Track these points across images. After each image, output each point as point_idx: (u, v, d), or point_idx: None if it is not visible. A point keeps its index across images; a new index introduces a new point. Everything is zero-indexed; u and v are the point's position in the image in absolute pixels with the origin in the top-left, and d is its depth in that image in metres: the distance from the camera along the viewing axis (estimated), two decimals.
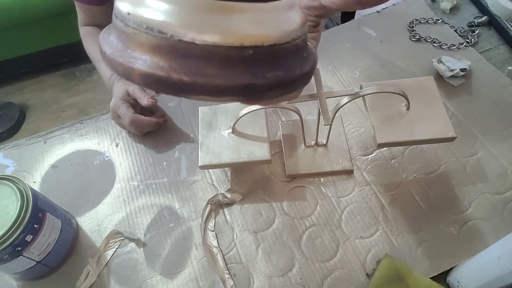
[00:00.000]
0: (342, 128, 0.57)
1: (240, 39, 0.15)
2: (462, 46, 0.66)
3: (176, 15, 0.15)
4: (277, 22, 0.16)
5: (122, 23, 0.16)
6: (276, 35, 0.16)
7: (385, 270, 0.44)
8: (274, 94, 0.17)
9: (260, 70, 0.16)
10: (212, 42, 0.15)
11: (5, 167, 0.60)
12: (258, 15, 0.15)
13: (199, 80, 0.16)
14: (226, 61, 0.15)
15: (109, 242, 0.51)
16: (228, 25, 0.15)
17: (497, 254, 0.37)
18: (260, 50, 0.16)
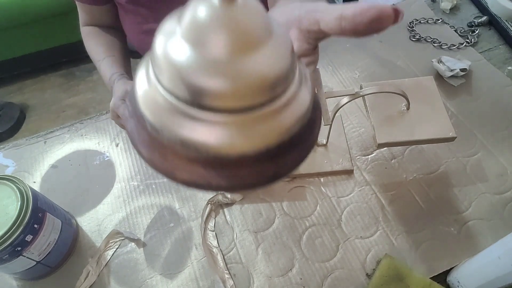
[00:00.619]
0: (342, 128, 0.57)
1: (265, 144, 0.17)
2: (462, 46, 0.66)
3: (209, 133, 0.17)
4: (292, 114, 0.18)
5: (155, 132, 0.18)
6: (294, 128, 0.18)
7: (385, 270, 0.44)
8: (295, 168, 0.20)
9: (283, 160, 0.19)
10: (243, 152, 0.17)
11: (5, 167, 0.60)
12: (276, 117, 0.17)
13: (235, 182, 0.18)
14: (256, 161, 0.18)
15: (109, 242, 0.51)
16: (254, 134, 0.17)
17: (497, 254, 0.37)
18: (282, 145, 0.18)
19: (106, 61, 0.67)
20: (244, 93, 0.16)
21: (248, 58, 0.16)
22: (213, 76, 0.16)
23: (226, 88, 0.16)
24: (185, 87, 0.16)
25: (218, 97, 0.16)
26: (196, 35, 0.16)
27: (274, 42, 0.17)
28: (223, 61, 0.16)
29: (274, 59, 0.17)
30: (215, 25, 0.16)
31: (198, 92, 0.16)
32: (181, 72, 0.16)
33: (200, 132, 0.17)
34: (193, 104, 0.16)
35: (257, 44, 0.16)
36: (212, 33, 0.15)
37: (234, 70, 0.16)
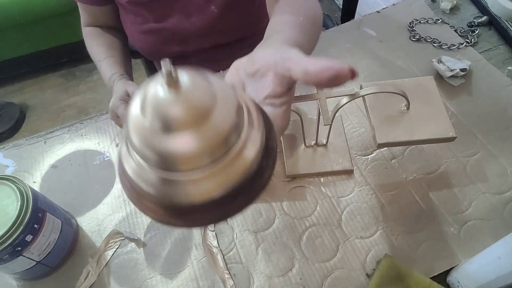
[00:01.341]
0: (342, 128, 0.57)
1: (209, 197, 0.21)
2: (462, 46, 0.66)
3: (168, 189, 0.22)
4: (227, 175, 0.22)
5: (131, 181, 0.23)
6: (238, 181, 0.22)
7: (385, 270, 0.44)
8: (241, 211, 0.24)
9: (228, 206, 0.23)
10: (192, 203, 0.22)
11: (5, 167, 0.60)
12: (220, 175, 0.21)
13: (189, 223, 0.24)
14: (204, 209, 0.22)
15: (109, 242, 0.51)
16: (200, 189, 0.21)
17: (497, 254, 0.37)
18: (226, 195, 0.22)
19: (107, 61, 0.67)
20: (196, 159, 0.20)
21: (199, 131, 0.20)
22: (172, 150, 0.20)
23: (183, 158, 0.20)
24: (147, 155, 0.21)
25: (177, 164, 0.20)
26: (156, 120, 0.20)
27: (218, 116, 0.20)
28: (179, 140, 0.20)
29: (222, 122, 0.20)
30: (167, 112, 0.20)
31: (161, 160, 0.21)
32: (145, 144, 0.20)
33: (161, 189, 0.22)
34: (155, 166, 0.21)
35: (206, 114, 0.20)
36: (168, 117, 0.20)
37: (188, 144, 0.20)
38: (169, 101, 0.20)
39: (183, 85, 0.20)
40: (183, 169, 0.21)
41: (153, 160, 0.21)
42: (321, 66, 0.24)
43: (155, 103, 0.20)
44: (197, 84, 0.21)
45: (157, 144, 0.20)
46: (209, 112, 0.20)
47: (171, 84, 0.20)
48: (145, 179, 0.22)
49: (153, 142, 0.20)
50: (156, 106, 0.20)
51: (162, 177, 0.21)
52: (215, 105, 0.20)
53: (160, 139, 0.20)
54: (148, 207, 0.24)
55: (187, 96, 0.20)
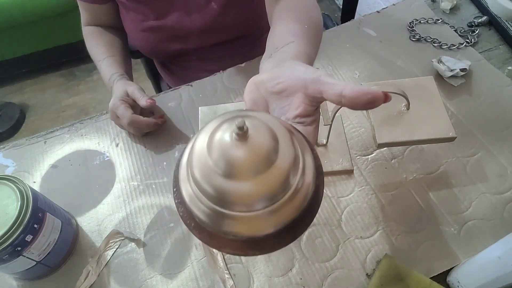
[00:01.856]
0: (342, 128, 0.57)
1: (281, 225, 0.24)
2: (462, 46, 0.66)
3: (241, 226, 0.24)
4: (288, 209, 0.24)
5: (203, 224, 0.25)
6: (302, 207, 0.25)
7: (385, 270, 0.44)
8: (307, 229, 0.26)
9: (297, 228, 0.25)
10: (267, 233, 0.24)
11: (5, 167, 0.60)
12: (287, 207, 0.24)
13: (265, 250, 0.25)
14: (277, 236, 0.25)
15: (109, 242, 0.51)
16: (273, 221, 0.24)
17: (497, 254, 0.37)
18: (294, 221, 0.25)
19: (106, 61, 0.67)
20: (262, 200, 0.23)
21: (262, 178, 0.23)
22: (238, 195, 0.23)
23: (248, 201, 0.23)
24: (218, 200, 0.23)
25: (244, 206, 0.23)
26: (223, 167, 0.23)
27: (279, 164, 0.23)
28: (244, 185, 0.23)
29: (280, 174, 0.23)
30: (234, 161, 0.22)
31: (229, 204, 0.23)
32: (215, 190, 0.23)
33: (235, 226, 0.24)
34: (227, 208, 0.23)
35: (266, 168, 0.23)
36: (233, 166, 0.22)
37: (253, 189, 0.23)
38: (237, 151, 0.22)
39: (250, 138, 0.23)
40: (253, 209, 0.23)
41: (227, 205, 0.23)
42: (357, 90, 0.27)
43: (222, 148, 0.23)
44: (262, 136, 0.23)
45: (230, 192, 0.23)
46: (271, 163, 0.23)
47: (241, 137, 0.22)
48: (219, 221, 0.24)
49: (227, 190, 0.23)
50: (223, 151, 0.23)
51: (236, 217, 0.23)
52: (277, 156, 0.23)
53: (221, 182, 0.23)
54: (223, 244, 0.26)
55: (253, 149, 0.23)
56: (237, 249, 0.25)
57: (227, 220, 0.24)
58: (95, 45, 0.70)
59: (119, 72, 0.64)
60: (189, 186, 0.25)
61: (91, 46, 0.71)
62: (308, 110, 0.29)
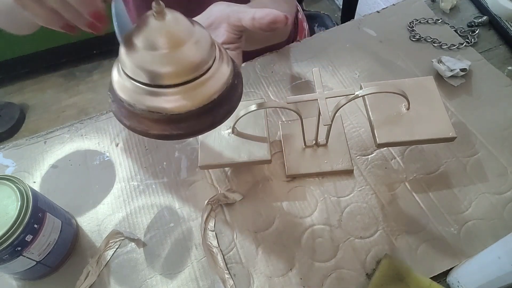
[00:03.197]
0: (342, 128, 0.57)
1: (202, 102, 0.28)
2: (462, 46, 0.66)
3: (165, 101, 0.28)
4: (206, 89, 0.28)
5: (130, 107, 0.28)
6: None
7: (385, 270, 0.44)
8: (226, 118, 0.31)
9: (216, 112, 0.30)
10: (189, 109, 0.28)
11: (5, 167, 0.60)
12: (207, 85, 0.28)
13: (187, 131, 0.29)
14: (198, 115, 0.29)
15: (109, 242, 0.51)
16: (194, 97, 0.28)
17: (497, 254, 0.37)
18: (213, 102, 0.29)
19: None
20: (182, 73, 0.26)
21: (181, 51, 0.26)
22: (160, 65, 0.26)
23: (170, 72, 0.26)
24: (144, 75, 0.26)
25: (166, 78, 0.26)
26: (146, 42, 0.26)
27: (195, 39, 0.27)
28: (165, 55, 0.26)
29: (196, 49, 0.27)
30: (156, 33, 0.26)
31: (152, 77, 0.26)
32: (141, 65, 0.26)
33: (159, 101, 0.27)
34: (150, 85, 0.27)
35: (184, 41, 0.26)
36: (155, 39, 0.26)
37: (173, 60, 0.26)
38: (156, 27, 0.26)
39: (168, 17, 0.26)
40: (176, 83, 0.27)
41: (150, 79, 0.26)
42: (264, 13, 0.32)
43: (145, 28, 0.26)
44: (180, 19, 0.27)
45: (152, 64, 0.26)
46: (191, 39, 0.27)
47: (158, 12, 0.26)
48: (143, 99, 0.27)
49: (148, 62, 0.26)
50: (145, 31, 0.26)
51: (159, 93, 0.27)
52: (194, 34, 0.27)
53: (154, 59, 0.26)
54: (150, 126, 0.29)
55: (170, 25, 0.26)
56: (164, 130, 0.29)
57: (151, 97, 0.27)
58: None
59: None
60: (119, 76, 0.28)
61: None
62: (231, 38, 0.35)
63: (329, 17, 1.03)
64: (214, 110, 0.29)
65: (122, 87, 0.28)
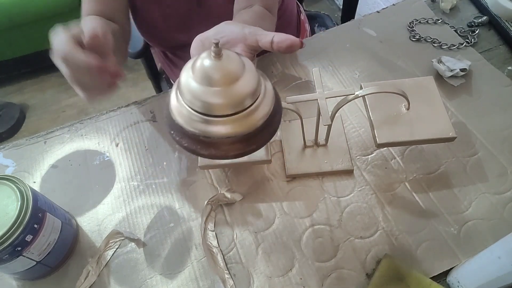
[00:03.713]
0: (342, 128, 0.57)
1: (246, 130, 0.33)
2: (462, 46, 0.66)
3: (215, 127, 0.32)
4: (259, 114, 0.33)
5: (207, 138, 0.33)
6: (247, 128, 0.32)
7: (385, 270, 0.44)
8: (265, 143, 0.36)
9: (257, 139, 0.34)
10: (234, 135, 0.32)
11: (5, 167, 0.60)
12: (250, 117, 0.32)
13: (232, 153, 0.34)
14: (242, 140, 0.34)
15: (109, 242, 0.51)
16: (239, 126, 0.32)
17: (497, 254, 0.37)
18: (255, 130, 0.33)
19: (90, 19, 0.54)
20: (232, 106, 0.31)
21: (232, 87, 0.31)
22: (214, 99, 0.31)
23: (222, 104, 0.31)
24: (200, 105, 0.31)
25: (218, 109, 0.31)
26: (203, 78, 0.31)
27: (246, 76, 0.31)
28: (219, 90, 0.30)
29: (246, 86, 0.31)
30: (212, 71, 0.30)
31: (207, 107, 0.31)
32: (198, 98, 0.31)
33: (211, 127, 0.32)
34: (205, 114, 0.31)
35: (236, 78, 0.31)
36: (212, 75, 0.30)
37: (225, 94, 0.30)
38: (213, 66, 0.30)
39: (224, 56, 0.30)
40: (227, 113, 0.31)
41: (204, 109, 0.31)
42: (284, 37, 0.36)
43: (203, 67, 0.31)
44: (233, 58, 0.31)
45: (208, 97, 0.30)
46: (242, 76, 0.31)
47: (216, 53, 0.30)
48: (192, 123, 0.32)
49: (204, 96, 0.30)
50: (203, 68, 0.31)
51: (211, 121, 0.31)
52: (243, 74, 0.31)
53: (210, 93, 0.30)
54: (223, 150, 0.34)
55: (225, 64, 0.30)
56: (239, 149, 0.33)
57: (223, 125, 0.32)
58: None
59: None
60: (182, 111, 0.32)
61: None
62: (248, 56, 0.38)
63: (329, 17, 1.03)
64: (272, 120, 0.35)
65: (191, 122, 0.32)
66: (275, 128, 0.35)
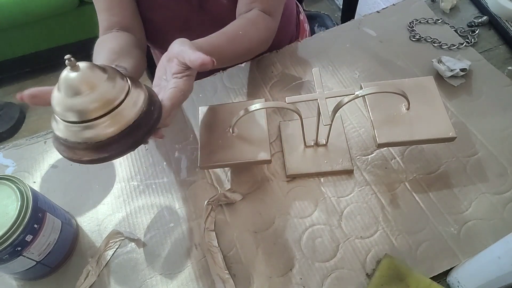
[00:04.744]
0: (342, 128, 0.57)
1: (119, 129, 0.36)
2: (462, 46, 0.66)
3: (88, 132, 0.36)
4: (122, 117, 0.36)
5: (65, 142, 0.37)
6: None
7: (385, 270, 0.44)
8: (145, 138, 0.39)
9: (135, 135, 0.37)
10: (110, 136, 0.36)
11: (5, 167, 0.60)
12: (120, 115, 0.36)
13: (112, 153, 0.37)
14: (119, 139, 0.37)
15: (109, 242, 0.51)
16: (111, 126, 0.36)
17: (497, 254, 0.37)
18: (129, 127, 0.37)
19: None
20: (97, 109, 0.35)
21: (95, 92, 0.35)
22: (80, 107, 0.34)
23: (89, 110, 0.34)
24: (72, 115, 0.35)
25: (86, 115, 0.35)
26: (60, 88, 0.35)
27: (106, 84, 0.35)
28: (83, 98, 0.34)
29: (110, 91, 0.36)
30: (67, 81, 0.35)
31: (78, 115, 0.35)
32: (69, 108, 0.35)
33: (84, 134, 0.35)
34: (77, 122, 0.35)
35: (96, 86, 0.35)
36: (73, 87, 0.35)
37: (90, 100, 0.34)
38: (73, 77, 0.34)
39: (82, 68, 0.35)
40: (93, 117, 0.35)
41: (74, 117, 0.35)
42: (196, 56, 0.41)
43: (65, 81, 0.35)
44: (92, 68, 0.36)
45: (73, 106, 0.34)
46: (102, 84, 0.35)
47: (71, 65, 0.34)
48: (72, 134, 0.36)
49: (67, 104, 0.34)
50: (65, 82, 0.35)
51: (83, 127, 0.35)
52: (106, 79, 0.35)
53: (67, 101, 0.35)
54: (82, 155, 0.36)
55: (84, 75, 0.35)
56: (92, 155, 0.36)
57: (79, 131, 0.35)
58: (99, 53, 0.57)
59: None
60: (54, 120, 0.37)
61: (96, 54, 0.58)
62: (180, 69, 0.44)
63: (329, 17, 1.03)
64: (133, 133, 0.37)
65: (57, 128, 0.36)
66: (136, 140, 0.37)
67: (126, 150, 0.37)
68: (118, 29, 0.61)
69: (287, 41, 0.79)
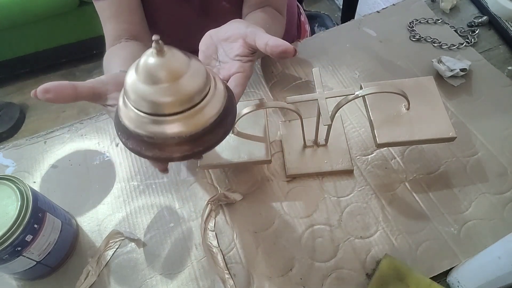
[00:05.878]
0: (342, 128, 0.57)
1: (193, 130, 0.31)
2: (462, 46, 0.66)
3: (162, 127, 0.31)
4: (214, 105, 0.32)
5: (150, 139, 0.31)
6: (194, 127, 0.31)
7: (385, 270, 0.44)
8: (213, 146, 0.34)
9: (205, 140, 0.32)
10: (180, 135, 0.31)
11: (5, 167, 0.60)
12: (196, 116, 0.31)
13: (179, 154, 0.32)
14: (189, 141, 0.31)
15: (109, 242, 0.51)
16: (185, 126, 0.31)
17: (497, 254, 0.37)
18: (202, 131, 0.31)
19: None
20: (174, 104, 0.30)
21: (174, 84, 0.29)
22: (156, 96, 0.29)
23: (164, 102, 0.29)
24: (157, 107, 0.30)
25: (160, 108, 0.29)
26: (146, 76, 0.29)
27: (191, 73, 0.30)
28: (160, 88, 0.29)
29: (190, 83, 0.30)
30: (154, 68, 0.29)
31: (149, 106, 0.30)
32: (152, 101, 0.29)
33: (176, 127, 0.30)
34: (165, 114, 0.30)
35: (180, 75, 0.29)
36: (153, 72, 0.29)
37: (167, 92, 0.29)
38: (155, 63, 0.29)
39: (167, 54, 0.29)
40: (164, 112, 0.30)
41: (150, 108, 0.30)
42: (278, 42, 0.37)
43: (146, 65, 0.29)
44: (177, 55, 0.30)
45: (152, 96, 0.29)
46: (186, 73, 0.29)
47: (158, 51, 0.28)
48: (144, 126, 0.31)
49: (149, 95, 0.29)
50: (146, 67, 0.29)
51: (158, 121, 0.30)
52: (187, 71, 0.30)
53: (151, 90, 0.29)
54: (167, 151, 0.32)
55: (168, 61, 0.29)
56: (185, 150, 0.31)
57: (168, 125, 0.30)
58: (110, 62, 0.55)
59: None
60: (129, 114, 0.31)
61: (108, 64, 0.55)
62: (245, 52, 0.41)
63: (329, 17, 1.03)
64: (223, 121, 0.33)
65: (136, 123, 0.31)
66: (226, 130, 0.33)
67: (218, 140, 0.33)
68: (127, 39, 0.59)
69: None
